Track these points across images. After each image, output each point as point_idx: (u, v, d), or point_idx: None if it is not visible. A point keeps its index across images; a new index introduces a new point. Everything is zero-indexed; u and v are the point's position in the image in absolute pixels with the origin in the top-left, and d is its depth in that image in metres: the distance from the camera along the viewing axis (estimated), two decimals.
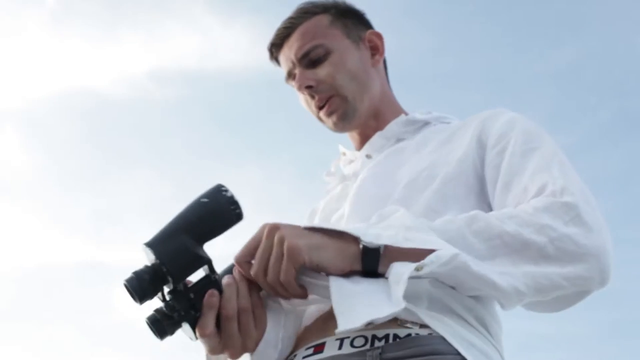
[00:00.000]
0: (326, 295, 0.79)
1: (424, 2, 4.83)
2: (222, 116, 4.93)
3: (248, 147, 4.90)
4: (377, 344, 0.79)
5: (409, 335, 0.78)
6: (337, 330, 0.74)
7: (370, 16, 1.26)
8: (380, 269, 0.79)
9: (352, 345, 0.80)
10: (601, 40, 5.09)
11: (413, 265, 0.74)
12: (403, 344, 0.77)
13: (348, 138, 1.26)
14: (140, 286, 0.76)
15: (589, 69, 5.11)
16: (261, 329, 0.84)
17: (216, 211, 0.79)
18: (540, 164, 0.90)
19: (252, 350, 0.84)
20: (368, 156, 1.14)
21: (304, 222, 0.87)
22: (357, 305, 0.75)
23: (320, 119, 1.18)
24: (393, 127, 1.15)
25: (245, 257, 0.82)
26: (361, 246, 0.78)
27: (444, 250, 0.75)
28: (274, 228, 0.80)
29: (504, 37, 5.00)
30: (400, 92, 1.29)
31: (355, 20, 1.21)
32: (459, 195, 0.95)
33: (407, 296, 0.74)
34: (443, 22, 4.81)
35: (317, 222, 0.83)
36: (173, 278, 0.76)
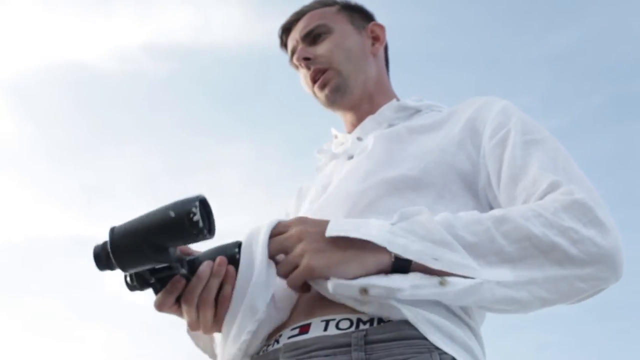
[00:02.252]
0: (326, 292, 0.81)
1: None
2: (214, 92, 4.90)
3: (239, 123, 4.88)
4: (362, 326, 0.80)
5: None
6: (330, 284, 0.77)
7: None
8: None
9: (337, 327, 0.81)
10: (597, 25, 5.08)
11: (437, 278, 0.77)
12: (387, 327, 0.79)
13: (342, 121, 1.27)
14: (98, 260, 0.81)
15: (584, 54, 5.11)
16: (221, 317, 0.84)
17: (177, 231, 0.77)
18: (545, 158, 0.91)
19: (215, 330, 0.86)
20: (359, 138, 1.16)
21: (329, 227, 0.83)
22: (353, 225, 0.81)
23: (314, 93, 1.21)
24: (385, 111, 1.18)
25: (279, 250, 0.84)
26: (393, 259, 0.79)
27: (467, 280, 0.76)
28: (299, 235, 0.82)
29: (500, 18, 4.97)
30: (395, 70, 1.30)
31: (362, 15, 1.28)
32: (436, 183, 0.97)
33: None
34: (439, 1, 4.77)
35: (339, 226, 0.81)
36: (118, 268, 0.80)
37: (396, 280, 0.77)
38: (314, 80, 1.19)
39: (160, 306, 0.84)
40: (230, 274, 0.83)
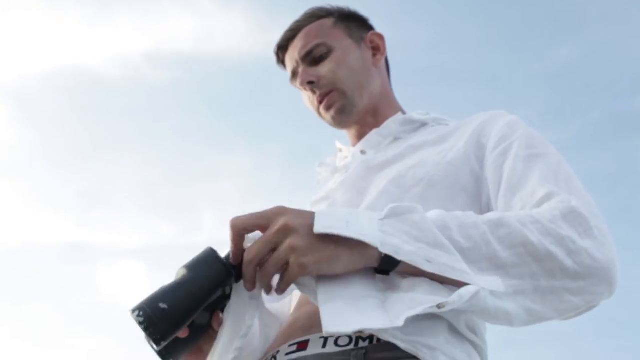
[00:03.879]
0: (312, 297, 0.77)
1: None
2: (215, 101, 4.91)
3: (239, 133, 4.88)
4: (361, 344, 0.78)
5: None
6: (324, 332, 0.71)
7: (368, 10, 1.30)
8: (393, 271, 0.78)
9: (336, 344, 0.79)
10: (596, 42, 5.11)
11: (435, 301, 0.72)
12: (387, 346, 0.76)
13: (346, 135, 1.26)
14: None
15: (583, 71, 5.13)
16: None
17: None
18: (546, 171, 0.89)
19: None
20: (362, 152, 1.15)
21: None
22: (347, 309, 0.73)
23: (320, 114, 1.20)
24: (390, 125, 1.16)
25: (244, 229, 0.78)
26: (382, 256, 0.75)
27: (466, 290, 0.72)
28: (286, 228, 0.75)
29: (501, 34, 5.00)
30: (396, 85, 1.29)
31: (359, 24, 1.25)
32: (442, 197, 0.95)
33: None
34: (440, 17, 4.80)
35: (327, 221, 0.75)
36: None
37: (387, 320, 0.72)
38: (320, 102, 1.17)
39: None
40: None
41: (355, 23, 1.24)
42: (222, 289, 0.78)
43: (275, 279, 0.79)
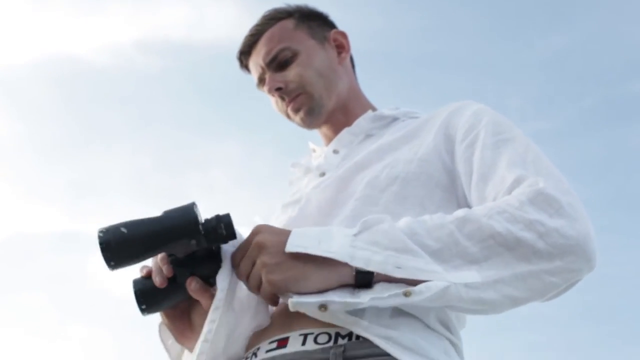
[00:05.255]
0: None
1: None
2: (206, 90, 4.88)
3: (230, 122, 4.86)
4: (340, 341, 0.79)
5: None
6: (290, 305, 0.76)
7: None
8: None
9: (315, 341, 0.80)
10: (588, 29, 5.11)
11: (400, 290, 0.75)
12: (366, 343, 0.78)
13: (320, 136, 1.26)
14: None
15: (575, 58, 5.13)
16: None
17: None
18: (514, 155, 0.89)
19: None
20: (335, 151, 1.15)
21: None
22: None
23: (289, 116, 1.20)
24: (361, 122, 1.16)
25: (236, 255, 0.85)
26: (354, 272, 0.77)
27: (434, 283, 0.74)
28: (258, 246, 0.81)
29: (493, 22, 4.99)
30: (389, 73, 1.29)
31: (320, 22, 1.24)
32: (419, 195, 0.95)
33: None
34: (432, 5, 4.78)
35: (299, 240, 0.80)
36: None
37: (356, 295, 0.76)
38: (287, 105, 1.18)
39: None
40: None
41: (316, 22, 1.23)
42: (188, 240, 0.81)
43: None
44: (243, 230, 0.88)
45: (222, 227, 0.82)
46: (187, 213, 0.81)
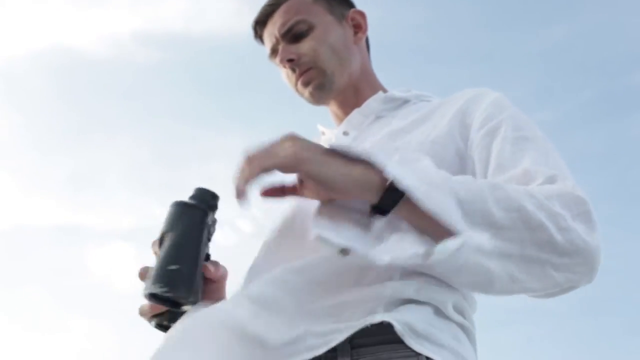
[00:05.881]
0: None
1: None
2: (206, 82, 4.87)
3: (230, 114, 4.85)
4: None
5: (381, 322, 0.77)
6: (312, 232, 0.74)
7: None
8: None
9: None
10: (588, 21, 5.09)
11: (422, 249, 0.74)
12: (373, 331, 0.77)
13: (330, 116, 1.25)
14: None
15: (575, 49, 5.12)
16: None
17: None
18: (537, 155, 0.89)
19: None
20: (345, 133, 1.14)
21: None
22: (340, 229, 0.76)
23: (297, 90, 1.18)
24: (371, 103, 1.15)
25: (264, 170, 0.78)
26: (388, 182, 0.75)
27: (451, 241, 0.73)
28: (292, 139, 0.77)
29: (492, 14, 4.97)
30: (387, 65, 1.28)
31: (340, 1, 1.23)
32: None
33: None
34: None
35: (338, 145, 0.79)
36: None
37: (377, 250, 0.74)
38: (298, 78, 1.16)
39: None
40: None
41: (337, 0, 1.22)
42: (208, 222, 0.85)
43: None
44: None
45: (206, 191, 0.87)
46: (187, 211, 0.84)
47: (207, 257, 0.88)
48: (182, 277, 0.78)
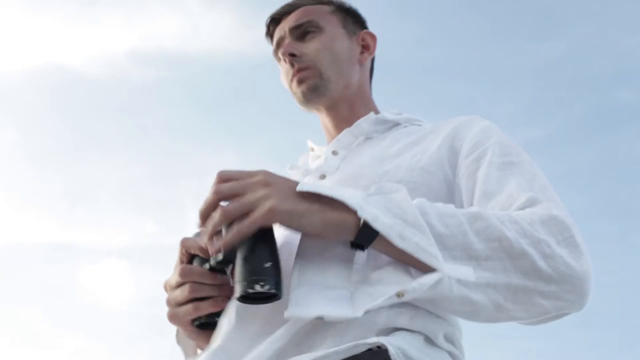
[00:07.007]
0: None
1: None
2: (200, 99, 4.89)
3: (224, 131, 4.86)
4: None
5: (370, 348, 0.76)
6: (285, 315, 0.74)
7: (355, 5, 1.28)
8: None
9: None
10: (580, 37, 5.16)
11: (395, 290, 0.74)
12: (364, 357, 0.74)
13: (321, 127, 1.25)
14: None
15: (567, 65, 5.17)
16: None
17: None
18: (522, 180, 0.89)
19: None
20: (334, 152, 1.14)
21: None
22: (314, 296, 0.75)
23: (291, 89, 1.19)
24: (362, 124, 1.15)
25: (224, 181, 0.79)
26: (362, 221, 0.75)
27: (428, 277, 0.73)
28: (264, 181, 0.76)
29: (486, 30, 5.03)
30: (384, 81, 1.29)
31: (355, 19, 1.26)
32: None
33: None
34: (425, 14, 4.82)
35: (310, 185, 0.77)
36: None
37: (349, 310, 0.74)
38: (294, 75, 1.17)
39: None
40: None
41: (352, 18, 1.25)
42: None
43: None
44: None
45: None
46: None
47: None
48: (277, 272, 0.76)
